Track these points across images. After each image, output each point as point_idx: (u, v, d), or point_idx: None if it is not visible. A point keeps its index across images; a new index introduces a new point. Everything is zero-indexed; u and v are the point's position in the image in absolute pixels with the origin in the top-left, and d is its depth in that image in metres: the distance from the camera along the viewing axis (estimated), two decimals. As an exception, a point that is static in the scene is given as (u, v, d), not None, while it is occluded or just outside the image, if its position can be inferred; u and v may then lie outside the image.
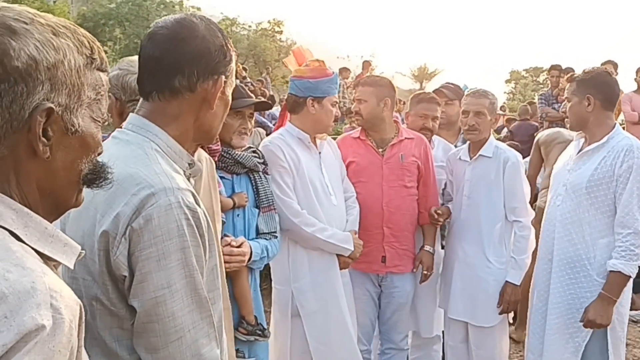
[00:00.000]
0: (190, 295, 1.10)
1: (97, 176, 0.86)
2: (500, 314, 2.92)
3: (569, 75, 2.70)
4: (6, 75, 0.71)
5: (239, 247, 2.17)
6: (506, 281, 2.89)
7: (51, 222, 0.82)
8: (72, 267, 0.81)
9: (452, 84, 3.78)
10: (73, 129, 0.80)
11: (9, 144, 0.74)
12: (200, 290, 1.12)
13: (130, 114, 1.25)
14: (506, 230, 2.95)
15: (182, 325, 1.09)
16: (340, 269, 2.73)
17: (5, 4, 0.76)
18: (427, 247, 3.04)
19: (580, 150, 2.62)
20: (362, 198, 2.92)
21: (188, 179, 1.30)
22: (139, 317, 1.09)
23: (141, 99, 1.24)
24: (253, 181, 2.36)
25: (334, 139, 3.09)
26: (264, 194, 2.37)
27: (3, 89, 0.72)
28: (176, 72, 1.17)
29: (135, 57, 1.68)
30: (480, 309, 2.93)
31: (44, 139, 0.76)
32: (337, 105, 2.79)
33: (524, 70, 34.22)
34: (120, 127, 1.26)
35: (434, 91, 3.65)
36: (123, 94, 1.83)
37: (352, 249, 2.71)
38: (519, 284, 2.88)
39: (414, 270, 3.04)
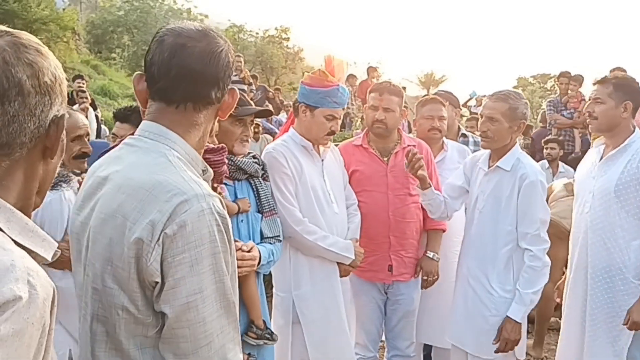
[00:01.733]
0: (220, 301, 1.12)
1: (58, 180, 1.00)
2: (496, 352, 2.59)
3: (601, 77, 2.67)
4: (39, 89, 0.85)
5: (249, 251, 2.18)
6: (507, 316, 2.56)
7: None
8: (49, 259, 0.87)
9: (443, 90, 3.87)
10: (62, 137, 0.93)
11: (30, 147, 0.86)
12: (229, 295, 1.14)
13: (144, 120, 1.25)
14: (517, 256, 2.60)
15: (212, 331, 1.11)
16: (341, 276, 2.72)
17: (17, 31, 0.88)
18: (429, 254, 3.02)
19: (602, 156, 2.61)
20: (367, 207, 2.90)
21: None
22: (170, 323, 1.09)
23: (157, 105, 1.23)
24: (254, 187, 2.37)
25: (336, 145, 3.09)
26: (265, 199, 2.38)
27: (38, 100, 0.85)
28: (214, 84, 1.22)
29: None
30: (480, 338, 2.64)
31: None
32: (335, 119, 2.66)
33: (531, 76, 34.14)
34: (132, 134, 1.27)
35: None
36: None
37: (353, 257, 2.70)
38: (520, 320, 2.56)
39: (415, 276, 3.03)
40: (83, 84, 8.42)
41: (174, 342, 1.10)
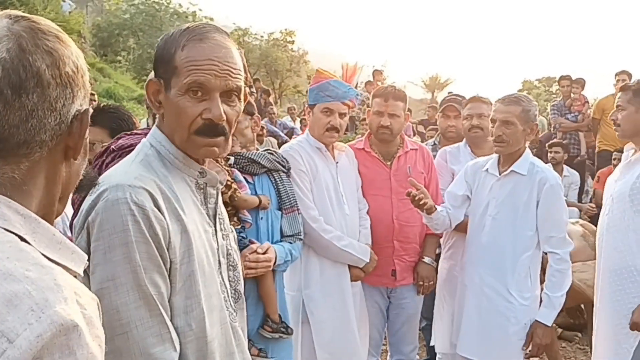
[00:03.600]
0: (136, 291, 1.11)
1: (86, 183, 0.91)
2: (527, 357, 2.59)
3: (623, 84, 2.70)
4: (60, 80, 0.75)
5: (264, 253, 2.18)
6: (536, 320, 2.55)
7: None
8: (81, 274, 0.79)
9: (452, 94, 3.77)
10: (85, 135, 0.83)
11: (52, 145, 0.76)
12: (144, 287, 1.12)
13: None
14: (534, 262, 2.61)
15: (128, 320, 1.10)
16: (352, 280, 2.72)
17: (34, 16, 0.78)
18: (425, 259, 3.00)
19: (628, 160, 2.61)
20: (371, 211, 2.90)
21: (204, 188, 1.30)
22: None
23: None
24: (274, 182, 2.37)
25: None
26: (285, 195, 2.37)
27: (59, 93, 0.75)
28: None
29: None
30: (496, 350, 2.59)
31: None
32: (333, 113, 2.64)
33: (536, 80, 34.04)
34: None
35: (444, 107, 3.64)
36: None
37: (368, 260, 2.71)
38: (550, 324, 2.57)
39: (414, 283, 3.01)
40: (88, 86, 8.47)
41: None
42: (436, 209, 2.64)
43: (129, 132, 1.93)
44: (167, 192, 1.19)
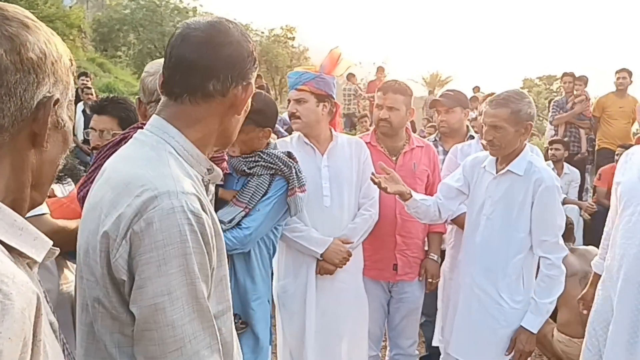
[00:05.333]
0: (191, 304, 1.05)
1: (66, 173, 0.91)
2: None
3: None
4: (21, 65, 0.76)
5: None
6: (521, 326, 2.45)
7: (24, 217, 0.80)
8: (39, 260, 0.78)
9: (452, 90, 3.78)
10: (62, 124, 0.84)
11: (14, 131, 0.76)
12: (201, 299, 1.07)
13: (153, 115, 1.22)
14: (527, 265, 2.50)
15: (182, 335, 1.04)
16: (318, 273, 2.69)
17: (5, 4, 0.80)
18: (432, 255, 3.03)
19: None
20: None
21: (207, 185, 1.27)
22: (138, 323, 1.05)
23: (163, 100, 1.21)
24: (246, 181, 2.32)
25: None
26: (246, 192, 2.28)
27: (18, 78, 0.75)
28: (211, 76, 1.15)
29: (159, 60, 1.70)
30: (485, 352, 2.53)
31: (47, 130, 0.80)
32: (291, 102, 2.68)
33: (537, 78, 34.03)
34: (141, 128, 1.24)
35: (432, 101, 3.71)
36: (143, 96, 1.88)
37: (320, 251, 2.63)
38: (536, 331, 2.45)
39: (420, 279, 3.03)
40: (88, 81, 8.45)
41: (143, 344, 1.05)
42: (411, 196, 2.60)
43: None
44: (201, 193, 1.15)
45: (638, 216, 2.41)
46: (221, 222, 2.23)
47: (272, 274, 2.43)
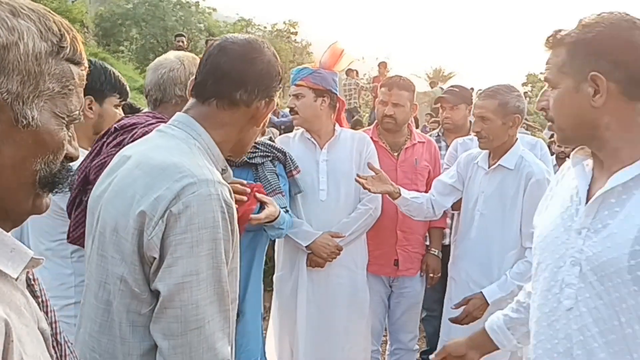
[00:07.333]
0: (214, 287, 1.12)
1: (57, 180, 0.76)
2: (451, 320, 2.50)
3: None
4: None
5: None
6: (481, 292, 2.47)
7: (8, 231, 0.72)
8: (15, 276, 0.69)
9: (457, 86, 3.78)
10: (25, 122, 0.70)
11: None
12: (224, 283, 1.14)
13: (177, 112, 1.32)
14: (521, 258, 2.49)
15: (204, 315, 1.11)
16: (309, 265, 2.70)
17: None
18: (433, 251, 3.04)
19: None
20: None
21: None
22: (163, 301, 1.11)
23: (191, 101, 1.32)
24: (254, 171, 2.33)
25: None
26: (265, 181, 2.30)
27: None
28: (240, 86, 1.27)
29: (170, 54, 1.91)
30: None
31: None
32: (292, 97, 2.71)
33: (540, 73, 33.93)
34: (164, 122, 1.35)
35: (437, 98, 3.71)
36: (174, 88, 1.89)
37: (304, 244, 2.63)
38: (490, 302, 2.44)
39: (421, 274, 3.04)
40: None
41: (165, 321, 1.11)
42: (400, 194, 2.60)
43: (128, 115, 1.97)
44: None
45: (558, 289, 1.33)
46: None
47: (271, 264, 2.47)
